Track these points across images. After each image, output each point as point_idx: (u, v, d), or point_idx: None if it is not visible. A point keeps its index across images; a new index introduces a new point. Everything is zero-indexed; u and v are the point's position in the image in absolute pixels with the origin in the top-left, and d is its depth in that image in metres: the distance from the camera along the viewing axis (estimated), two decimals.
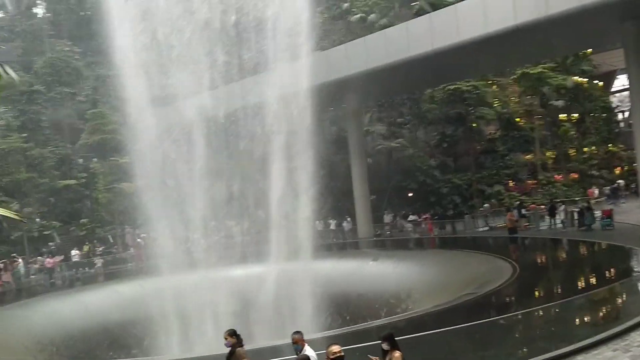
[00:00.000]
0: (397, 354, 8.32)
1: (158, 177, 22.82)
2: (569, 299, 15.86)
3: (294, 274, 22.18)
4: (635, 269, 20.60)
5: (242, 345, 9.50)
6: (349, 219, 41.26)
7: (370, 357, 8.25)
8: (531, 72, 47.21)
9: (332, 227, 40.64)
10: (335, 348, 7.63)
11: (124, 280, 30.58)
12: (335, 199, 40.40)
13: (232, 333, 9.53)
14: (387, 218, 42.68)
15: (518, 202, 41.89)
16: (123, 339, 22.60)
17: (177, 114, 24.99)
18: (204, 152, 23.38)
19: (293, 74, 23.77)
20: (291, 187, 22.75)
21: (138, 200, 23.25)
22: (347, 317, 23.19)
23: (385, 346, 8.45)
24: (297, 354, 8.77)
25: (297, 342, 8.90)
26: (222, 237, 27.05)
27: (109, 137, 42.68)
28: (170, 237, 22.83)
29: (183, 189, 22.89)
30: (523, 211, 37.30)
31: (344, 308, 24.01)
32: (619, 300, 16.77)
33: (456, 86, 45.02)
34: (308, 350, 8.75)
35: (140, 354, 20.76)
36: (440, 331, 12.63)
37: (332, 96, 35.28)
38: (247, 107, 25.28)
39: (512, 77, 51.45)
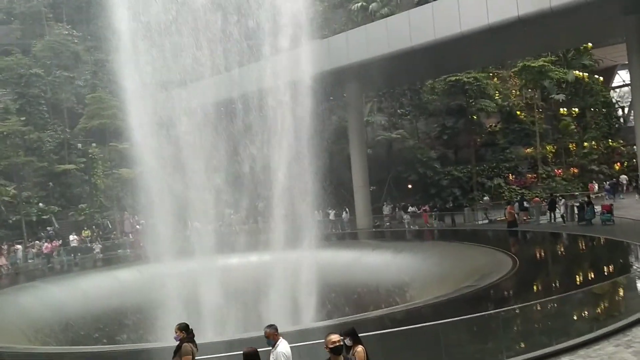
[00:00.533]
0: (359, 348, 8.19)
1: (157, 164, 22.67)
2: (570, 293, 15.77)
3: (293, 263, 22.13)
4: (635, 265, 20.54)
5: (191, 341, 9.23)
6: (347, 209, 41.14)
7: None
8: (532, 65, 46.97)
9: (331, 217, 40.51)
10: (335, 337, 7.50)
11: (122, 266, 30.51)
12: (334, 189, 40.33)
13: (183, 327, 9.27)
14: (387, 209, 42.54)
15: (519, 196, 41.88)
16: (119, 325, 22.56)
17: (177, 100, 24.83)
18: (204, 139, 23.21)
19: (293, 61, 23.62)
20: (291, 176, 22.63)
21: (137, 186, 23.15)
22: (346, 308, 23.10)
23: (348, 341, 8.26)
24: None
25: (269, 337, 8.58)
26: (220, 225, 27.00)
27: (108, 122, 42.42)
28: (169, 224, 22.74)
29: (182, 177, 22.76)
30: (525, 204, 37.28)
31: (343, 298, 23.95)
32: (620, 296, 16.71)
33: (457, 77, 44.84)
34: (282, 345, 8.47)
35: (135, 340, 20.72)
36: (438, 323, 12.53)
37: (332, 85, 35.20)
38: (248, 94, 25.13)
39: (513, 70, 51.25)
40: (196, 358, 9.16)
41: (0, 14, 63.00)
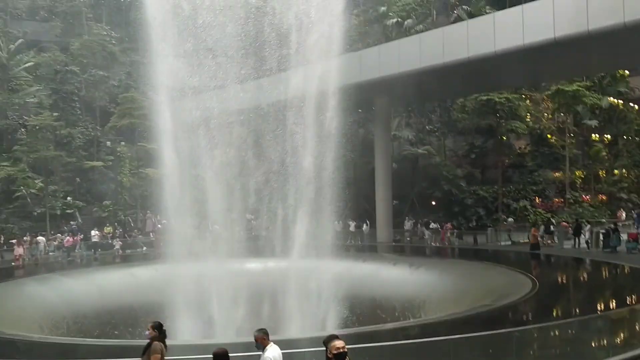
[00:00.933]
0: None
1: (182, 166, 22.79)
2: (588, 316, 15.40)
3: (310, 271, 21.98)
4: None
5: (162, 340, 9.03)
6: (368, 222, 40.93)
7: None
8: (566, 89, 46.29)
9: (352, 228, 40.37)
10: (339, 343, 7.20)
11: (140, 264, 30.73)
12: (357, 201, 40.18)
13: (156, 326, 9.07)
14: (408, 224, 42.24)
15: (546, 219, 41.23)
16: (132, 321, 22.63)
17: (206, 105, 25.00)
18: (229, 145, 23.29)
19: (323, 72, 23.58)
20: (313, 186, 22.53)
21: (161, 187, 23.29)
22: (360, 319, 22.85)
23: (330, 354, 7.97)
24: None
25: (258, 340, 8.37)
26: (241, 229, 27.00)
27: (138, 122, 42.96)
28: (189, 225, 22.81)
29: (206, 180, 22.82)
30: (552, 227, 36.78)
31: (358, 309, 23.71)
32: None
33: (489, 97, 44.35)
34: (270, 350, 8.25)
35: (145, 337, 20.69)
36: (449, 338, 12.31)
37: (362, 98, 35.13)
38: (276, 103, 25.17)
39: (546, 93, 50.61)
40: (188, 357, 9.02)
41: (43, 11, 64.57)
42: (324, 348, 7.84)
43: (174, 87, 23.03)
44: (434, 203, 46.90)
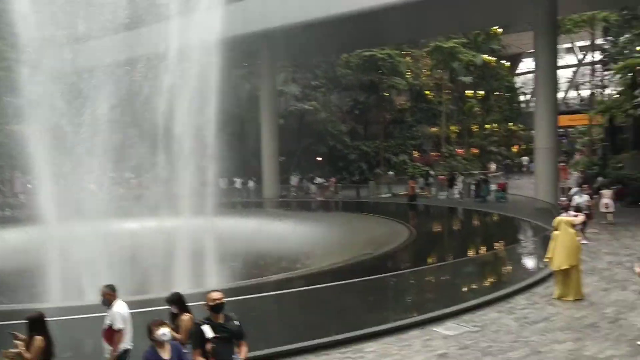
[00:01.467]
0: (185, 317, 7.82)
1: (51, 122, 21.25)
2: (458, 260, 16.38)
3: (194, 229, 21.57)
4: (522, 238, 21.66)
5: None
6: (255, 178, 40.75)
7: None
8: (444, 45, 48.08)
9: (237, 185, 40.06)
10: (216, 295, 7.15)
11: (9, 227, 28.81)
12: (242, 157, 39.77)
13: None
14: (294, 180, 42.59)
15: (426, 172, 43.21)
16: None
17: (76, 57, 23.38)
18: (102, 99, 21.96)
19: (203, 23, 22.69)
20: (196, 142, 21.90)
21: (29, 144, 21.66)
22: (246, 273, 22.87)
23: (174, 309, 7.96)
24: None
25: (104, 296, 8.30)
26: (119, 189, 25.93)
27: (3, 75, 39.51)
28: (62, 185, 21.46)
29: (78, 137, 21.46)
30: (431, 179, 38.62)
31: (244, 264, 23.71)
32: (505, 266, 17.53)
33: (371, 53, 45.12)
34: (117, 305, 8.17)
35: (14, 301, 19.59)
36: (330, 285, 12.67)
37: (246, 52, 34.37)
38: (153, 54, 23.99)
39: (425, 50, 52.24)
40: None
41: None
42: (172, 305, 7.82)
43: (40, 37, 21.29)
44: (319, 159, 47.50)
